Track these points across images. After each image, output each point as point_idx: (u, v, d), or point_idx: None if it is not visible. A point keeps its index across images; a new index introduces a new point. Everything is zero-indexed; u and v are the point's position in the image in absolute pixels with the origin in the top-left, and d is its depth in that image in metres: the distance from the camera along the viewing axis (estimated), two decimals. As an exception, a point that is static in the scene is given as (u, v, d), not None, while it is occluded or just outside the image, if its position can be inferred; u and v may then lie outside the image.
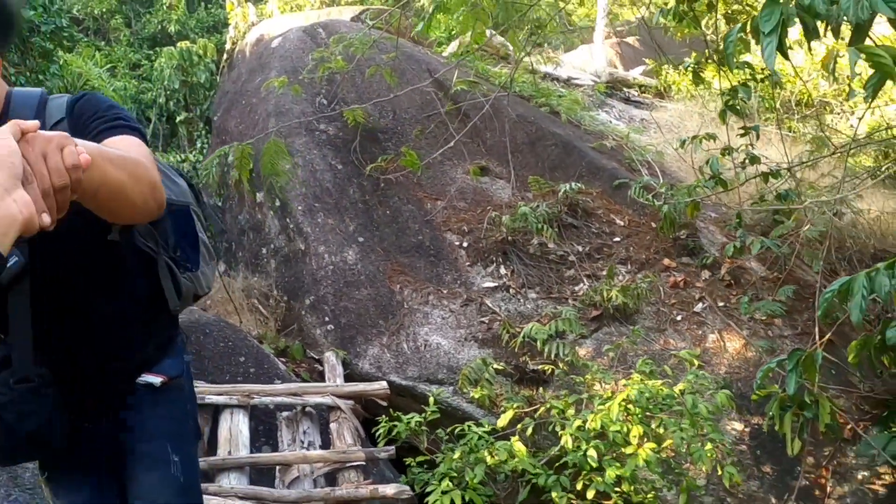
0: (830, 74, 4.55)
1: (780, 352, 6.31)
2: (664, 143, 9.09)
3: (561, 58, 12.78)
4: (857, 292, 4.04)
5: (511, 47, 9.57)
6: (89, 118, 2.08)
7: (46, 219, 1.30)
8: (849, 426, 5.99)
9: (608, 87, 11.89)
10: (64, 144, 1.40)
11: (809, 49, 4.09)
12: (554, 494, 5.11)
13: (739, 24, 4.46)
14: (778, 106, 11.04)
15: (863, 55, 3.69)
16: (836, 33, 3.81)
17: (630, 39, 16.77)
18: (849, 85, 4.51)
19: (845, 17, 3.62)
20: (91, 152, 1.48)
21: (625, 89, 12.32)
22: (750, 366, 6.23)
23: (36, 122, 1.39)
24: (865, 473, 5.96)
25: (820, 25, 3.90)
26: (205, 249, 2.67)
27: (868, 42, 3.74)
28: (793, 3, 3.69)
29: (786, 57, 4.03)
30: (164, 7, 14.15)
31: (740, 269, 7.31)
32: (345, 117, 7.98)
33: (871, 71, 3.64)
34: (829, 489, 5.94)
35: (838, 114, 10.77)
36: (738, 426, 6.14)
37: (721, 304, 6.96)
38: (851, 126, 8.78)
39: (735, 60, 6.79)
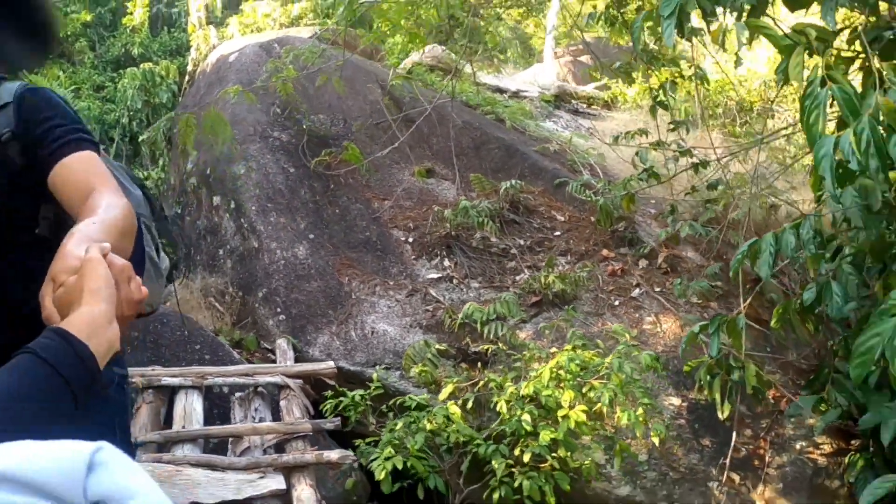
0: (721, 48, 4.93)
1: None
2: (607, 147, 9.46)
3: (513, 74, 13.23)
4: (765, 250, 4.47)
5: (466, 65, 9.94)
6: (45, 123, 2.11)
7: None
8: (784, 398, 6.29)
9: (556, 100, 12.30)
10: (131, 276, 1.51)
11: (709, 30, 4.50)
12: (494, 463, 5.43)
13: (645, 13, 4.88)
14: (721, 112, 11.55)
15: (752, 28, 4.11)
16: (740, 15, 4.21)
17: (584, 58, 17.24)
18: (736, 55, 4.89)
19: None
20: (111, 238, 1.60)
21: (573, 101, 12.74)
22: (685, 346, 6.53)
23: (108, 245, 1.51)
24: (803, 443, 6.23)
25: (721, 10, 4.32)
26: (151, 265, 2.60)
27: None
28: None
29: (685, 38, 4.44)
30: (128, 31, 14.46)
31: (676, 257, 7.66)
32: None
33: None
34: (767, 459, 6.21)
35: (780, 118, 11.24)
36: (676, 401, 6.42)
37: (658, 289, 7.31)
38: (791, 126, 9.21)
39: (662, 58, 7.26)
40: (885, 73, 3.55)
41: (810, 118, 3.53)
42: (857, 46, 4.35)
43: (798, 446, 6.24)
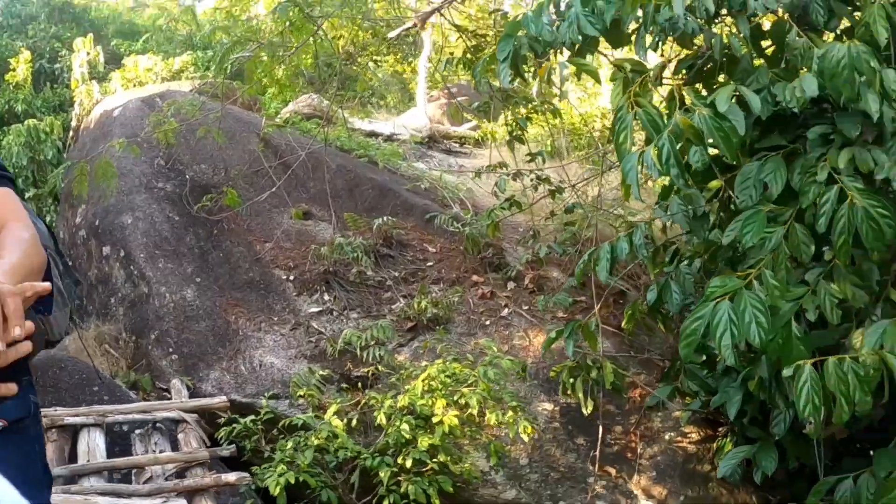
0: (548, 84, 5.63)
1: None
2: (475, 183, 10.01)
3: (389, 119, 13.76)
4: (603, 258, 5.16)
5: (339, 112, 10.47)
6: None
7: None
8: (649, 395, 6.76)
9: (429, 141, 12.88)
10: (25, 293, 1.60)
11: (539, 67, 5.15)
12: (381, 473, 5.91)
13: (485, 57, 5.51)
14: (584, 142, 12.27)
15: (575, 66, 4.78)
16: (573, 53, 4.86)
17: (461, 99, 17.89)
18: (560, 88, 5.57)
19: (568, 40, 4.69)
20: (17, 275, 1.70)
21: (445, 141, 13.32)
22: (554, 356, 6.87)
23: None
24: (672, 434, 6.86)
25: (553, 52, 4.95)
26: (58, 295, 2.55)
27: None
28: (524, 34, 4.75)
29: (522, 78, 5.07)
30: (11, 87, 14.40)
31: (543, 277, 8.23)
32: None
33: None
34: (639, 451, 6.81)
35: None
36: (549, 406, 7.03)
37: (525, 307, 7.87)
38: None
39: (516, 95, 7.92)
40: (686, 97, 4.28)
41: (620, 138, 4.24)
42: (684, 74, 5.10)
43: (667, 437, 6.87)
